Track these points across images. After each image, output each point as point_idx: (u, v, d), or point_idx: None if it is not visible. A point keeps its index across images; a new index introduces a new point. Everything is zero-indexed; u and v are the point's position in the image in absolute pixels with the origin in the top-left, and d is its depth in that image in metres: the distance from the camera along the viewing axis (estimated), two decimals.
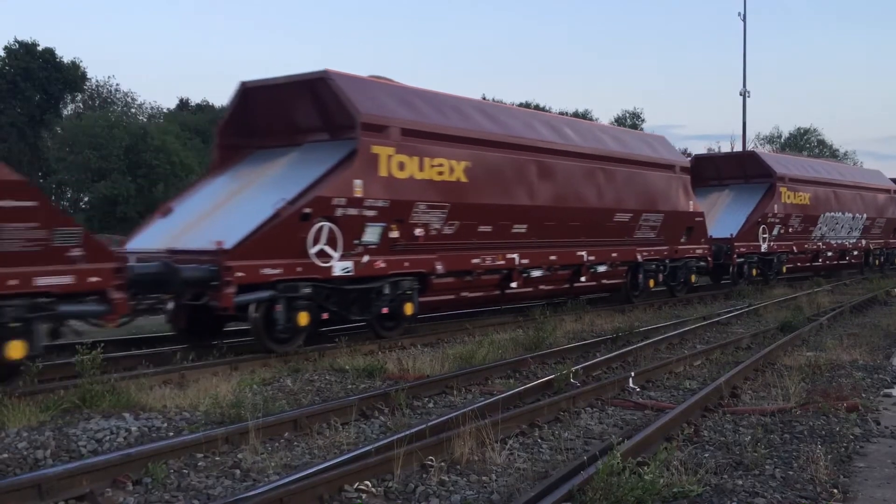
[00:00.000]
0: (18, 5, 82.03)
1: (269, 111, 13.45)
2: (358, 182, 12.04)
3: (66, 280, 8.93)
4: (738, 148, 48.55)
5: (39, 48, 47.60)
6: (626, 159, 18.23)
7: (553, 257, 15.90)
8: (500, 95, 69.90)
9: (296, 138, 13.30)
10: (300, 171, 12.39)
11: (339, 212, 11.78)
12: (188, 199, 12.83)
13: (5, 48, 47.25)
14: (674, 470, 5.86)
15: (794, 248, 25.98)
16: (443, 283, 13.68)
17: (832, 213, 28.01)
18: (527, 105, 46.17)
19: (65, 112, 50.39)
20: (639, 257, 18.49)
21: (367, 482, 5.70)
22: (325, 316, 11.83)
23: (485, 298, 15.07)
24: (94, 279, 9.14)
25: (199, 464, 6.30)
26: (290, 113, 13.37)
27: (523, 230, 15.17)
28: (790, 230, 25.56)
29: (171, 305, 11.09)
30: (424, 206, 13.09)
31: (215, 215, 11.86)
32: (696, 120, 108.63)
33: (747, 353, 11.85)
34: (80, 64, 49.27)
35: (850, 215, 29.38)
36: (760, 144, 63.08)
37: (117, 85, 63.11)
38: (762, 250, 24.17)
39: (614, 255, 17.65)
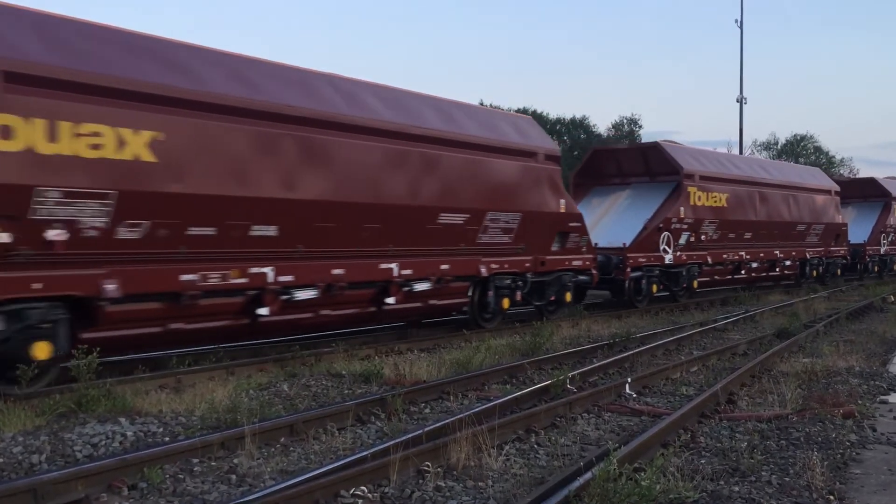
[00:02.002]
0: None
1: (606, 163, 21.95)
2: (682, 208, 20.10)
3: (579, 263, 16.69)
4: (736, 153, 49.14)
5: None
6: (802, 187, 26.44)
7: (761, 254, 23.85)
8: (498, 101, 70.09)
9: (622, 180, 21.53)
10: (642, 201, 20.46)
11: (672, 226, 19.81)
12: None
13: None
14: (670, 476, 5.86)
15: None
16: (708, 270, 21.60)
17: None
18: (524, 111, 46.53)
19: None
20: (808, 255, 26.78)
21: (364, 488, 5.70)
22: (662, 287, 19.99)
23: (722, 281, 22.80)
24: (587, 263, 16.90)
25: (195, 469, 6.29)
26: (621, 164, 21.77)
27: (749, 236, 23.15)
28: None
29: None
30: (707, 221, 21.09)
31: (599, 227, 19.44)
32: (692, 126, 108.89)
33: (744, 359, 11.85)
34: None
35: None
36: (757, 151, 63.15)
37: None
38: (881, 252, 32.93)
39: (793, 253, 25.82)
